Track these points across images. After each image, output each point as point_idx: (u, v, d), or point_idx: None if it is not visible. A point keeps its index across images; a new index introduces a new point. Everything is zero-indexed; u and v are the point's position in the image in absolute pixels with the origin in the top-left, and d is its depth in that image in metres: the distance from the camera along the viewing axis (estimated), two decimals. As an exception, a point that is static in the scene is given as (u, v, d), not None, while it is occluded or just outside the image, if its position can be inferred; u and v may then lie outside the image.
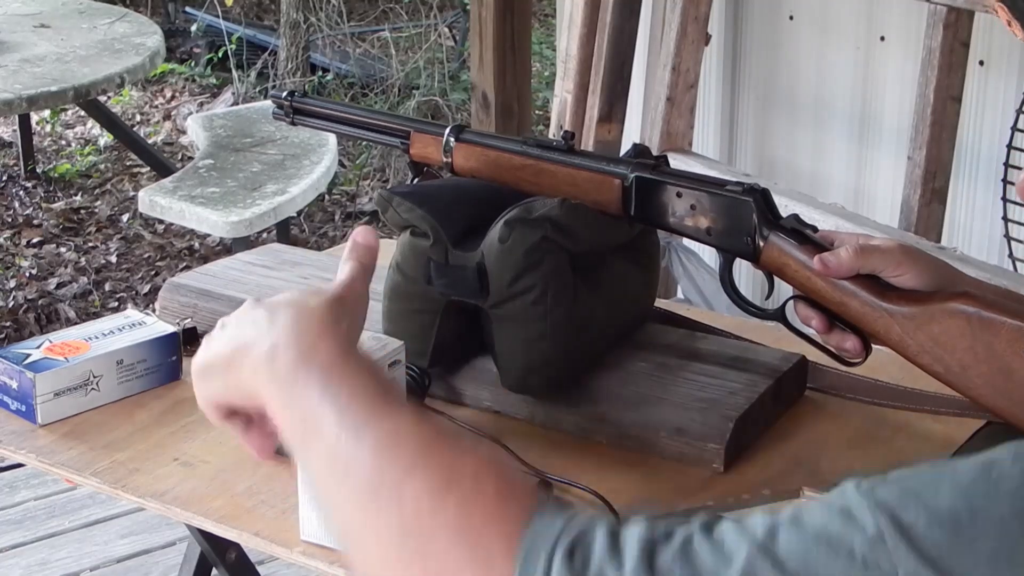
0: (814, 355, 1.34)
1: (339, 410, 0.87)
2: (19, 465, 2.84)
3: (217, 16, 6.28)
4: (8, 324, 4.14)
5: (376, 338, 1.22)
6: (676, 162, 2.35)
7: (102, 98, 5.01)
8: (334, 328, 0.93)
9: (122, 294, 4.42)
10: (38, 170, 5.32)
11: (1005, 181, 2.29)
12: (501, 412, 1.34)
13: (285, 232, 4.17)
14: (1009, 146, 2.28)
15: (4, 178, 5.28)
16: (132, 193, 5.04)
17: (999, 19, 0.92)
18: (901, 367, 1.24)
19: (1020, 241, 2.30)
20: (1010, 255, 2.31)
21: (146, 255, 4.68)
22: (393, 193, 1.33)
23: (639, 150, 1.35)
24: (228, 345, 0.96)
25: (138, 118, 6.06)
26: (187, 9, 6.82)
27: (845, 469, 1.24)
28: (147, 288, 4.43)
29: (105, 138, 5.61)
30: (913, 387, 1.34)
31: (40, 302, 4.29)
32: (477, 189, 1.37)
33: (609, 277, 1.37)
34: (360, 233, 1.03)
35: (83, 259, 4.63)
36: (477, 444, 0.88)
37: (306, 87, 5.73)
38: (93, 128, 5.73)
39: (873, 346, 1.23)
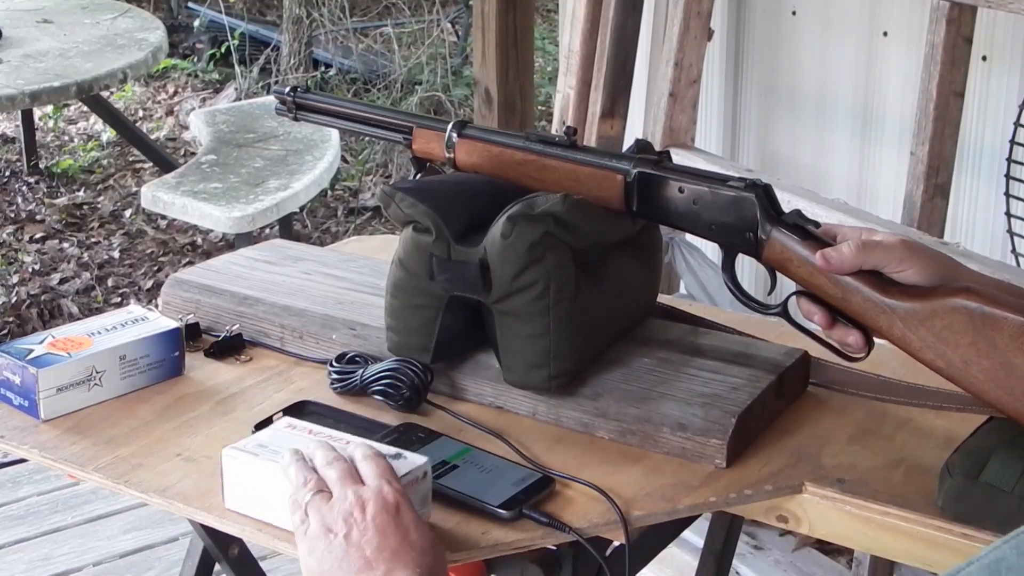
0: (816, 350, 1.34)
1: None
2: (22, 460, 2.84)
3: (220, 12, 6.29)
4: (11, 320, 4.14)
5: (401, 457, 1.14)
6: (678, 158, 2.35)
7: (105, 94, 5.02)
8: None
9: (125, 290, 4.43)
10: (41, 166, 5.32)
11: (1008, 176, 2.28)
12: (503, 407, 1.35)
13: (288, 228, 4.17)
14: (1012, 141, 2.27)
15: (7, 174, 5.28)
16: (135, 189, 5.04)
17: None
18: (904, 362, 1.24)
19: (1023, 236, 2.29)
20: (1013, 250, 2.30)
21: (149, 251, 4.69)
22: (396, 189, 1.33)
23: (641, 146, 1.35)
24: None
25: (141, 114, 6.06)
26: (190, 5, 6.83)
27: (848, 464, 1.25)
28: (150, 284, 4.43)
29: (108, 134, 5.61)
30: (916, 383, 1.34)
31: (43, 298, 4.29)
32: (479, 185, 1.37)
33: (611, 273, 1.37)
34: None
35: (86, 255, 4.63)
36: None
37: (309, 83, 5.72)
38: (96, 124, 5.73)
39: (875, 341, 1.23)
